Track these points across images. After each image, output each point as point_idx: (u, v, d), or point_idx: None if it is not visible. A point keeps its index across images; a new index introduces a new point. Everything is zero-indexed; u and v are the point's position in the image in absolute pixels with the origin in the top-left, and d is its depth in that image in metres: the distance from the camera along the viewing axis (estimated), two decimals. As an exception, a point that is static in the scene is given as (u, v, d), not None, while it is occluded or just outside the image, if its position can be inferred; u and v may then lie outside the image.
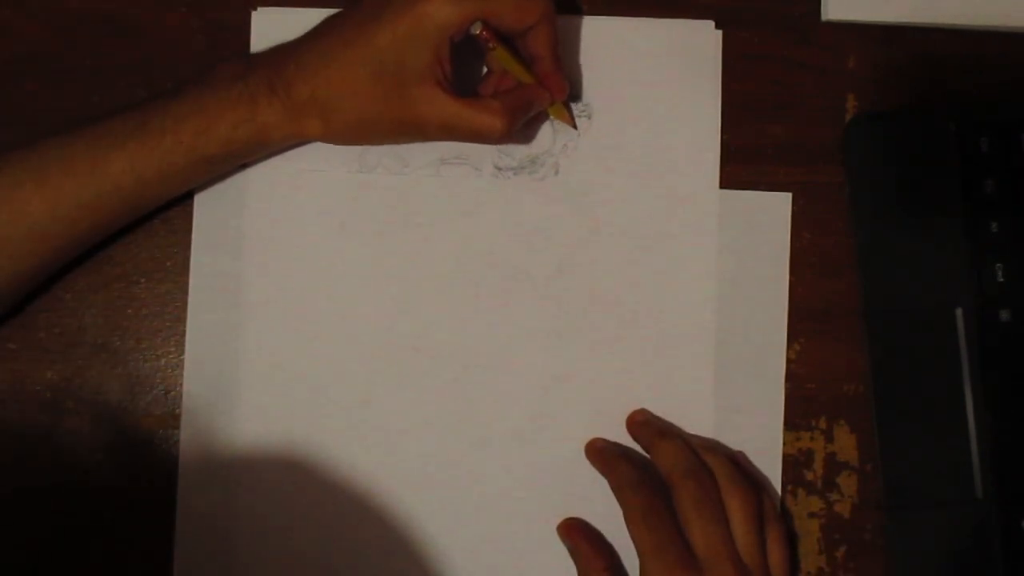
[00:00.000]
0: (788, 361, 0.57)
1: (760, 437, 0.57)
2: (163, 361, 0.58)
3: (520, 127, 0.55)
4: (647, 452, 0.56)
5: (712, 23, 0.58)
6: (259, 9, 0.58)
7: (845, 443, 0.57)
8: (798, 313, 0.58)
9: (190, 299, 0.57)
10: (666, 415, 0.57)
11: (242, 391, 0.57)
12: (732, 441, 0.57)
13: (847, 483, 0.57)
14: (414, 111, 0.52)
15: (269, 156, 0.57)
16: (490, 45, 0.53)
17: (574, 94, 0.58)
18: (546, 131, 0.58)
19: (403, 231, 0.58)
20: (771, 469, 0.57)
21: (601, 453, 0.56)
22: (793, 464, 0.57)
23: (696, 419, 0.57)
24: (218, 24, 0.59)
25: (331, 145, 0.56)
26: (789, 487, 0.57)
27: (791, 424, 0.57)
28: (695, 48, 0.58)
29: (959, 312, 0.56)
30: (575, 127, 0.58)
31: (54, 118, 0.57)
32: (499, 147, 0.58)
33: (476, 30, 0.52)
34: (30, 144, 0.52)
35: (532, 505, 0.57)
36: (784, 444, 0.57)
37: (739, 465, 0.55)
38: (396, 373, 0.57)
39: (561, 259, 0.58)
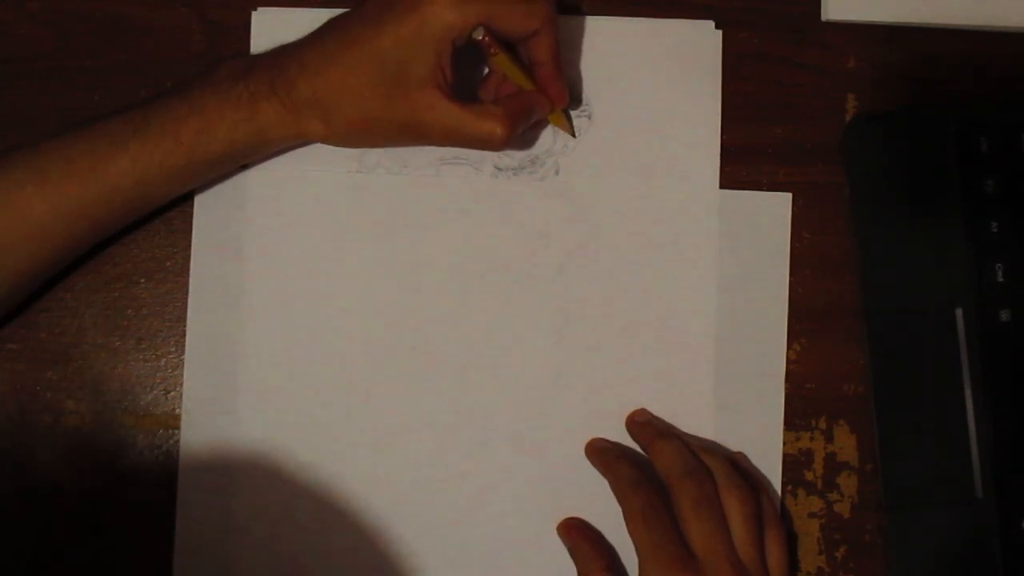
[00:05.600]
0: (788, 361, 0.57)
1: (760, 437, 0.57)
2: (163, 361, 0.58)
3: (520, 133, 0.55)
4: (646, 452, 0.56)
5: (712, 23, 0.58)
6: (259, 9, 0.58)
7: (845, 443, 0.58)
8: (798, 313, 0.58)
9: (190, 299, 0.57)
10: (666, 415, 0.57)
11: (242, 391, 0.57)
12: (732, 441, 0.57)
13: (847, 483, 0.57)
14: (415, 115, 0.52)
15: (270, 157, 0.57)
16: (492, 51, 0.53)
17: (574, 97, 0.58)
18: (547, 131, 0.58)
19: (403, 231, 0.58)
20: (771, 469, 0.57)
21: (601, 453, 0.56)
22: (793, 464, 0.57)
23: (696, 419, 0.57)
24: (218, 24, 0.59)
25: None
26: (789, 487, 0.57)
27: (791, 424, 0.57)
28: (695, 48, 0.58)
29: (959, 312, 0.56)
30: (574, 135, 0.58)
31: (54, 118, 0.58)
32: (499, 147, 0.58)
33: (478, 35, 0.52)
34: (31, 144, 0.52)
35: (532, 505, 0.57)
36: (784, 444, 0.57)
37: (738, 466, 0.55)
38: (396, 373, 0.57)
39: (561, 259, 0.58)
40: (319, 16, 0.54)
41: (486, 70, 0.57)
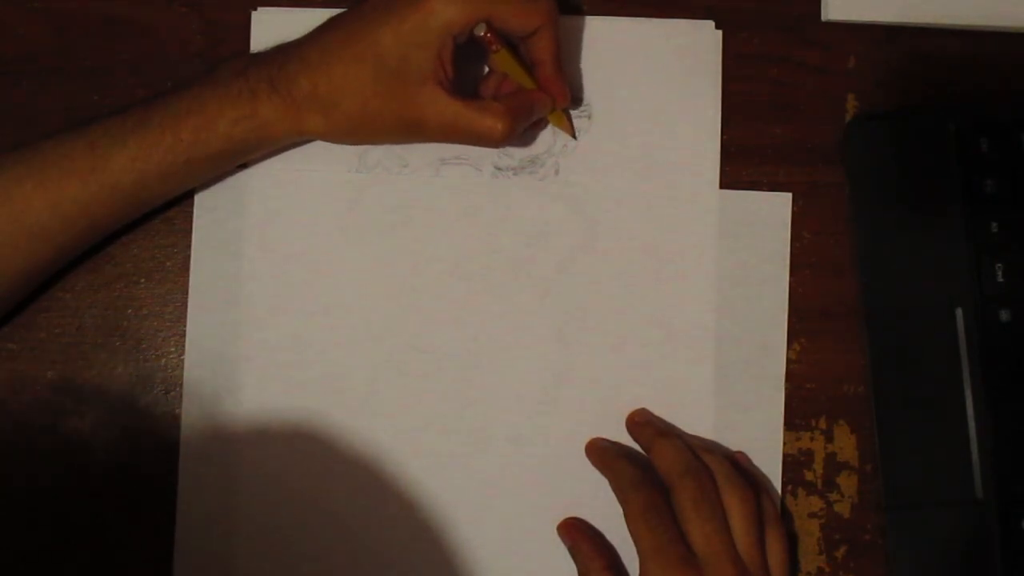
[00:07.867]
0: (788, 361, 0.57)
1: (760, 437, 0.57)
2: (163, 361, 0.58)
3: (520, 131, 0.55)
4: (646, 452, 0.56)
5: (712, 23, 0.58)
6: (259, 9, 0.58)
7: (845, 443, 0.57)
8: (798, 313, 0.58)
9: (190, 299, 0.57)
10: (666, 415, 0.57)
11: (242, 391, 0.57)
12: (732, 441, 0.57)
13: (847, 483, 0.57)
14: (415, 111, 0.52)
15: (269, 155, 0.57)
16: (493, 48, 0.53)
17: (575, 98, 0.58)
18: (546, 131, 0.58)
19: (403, 231, 0.58)
20: (771, 469, 0.57)
21: (601, 453, 0.56)
22: (793, 464, 0.57)
23: (696, 419, 0.57)
24: (218, 24, 0.59)
25: (331, 145, 0.56)
26: (789, 487, 0.57)
27: (791, 424, 0.57)
28: (695, 48, 0.58)
29: (959, 312, 0.56)
30: (574, 136, 0.58)
31: (54, 118, 0.58)
32: (499, 147, 0.58)
33: (480, 31, 0.52)
34: (30, 144, 0.52)
35: (532, 505, 0.57)
36: (784, 444, 0.57)
37: (738, 466, 0.55)
38: (396, 373, 0.57)
39: (561, 259, 0.58)
40: (319, 16, 0.54)
41: (487, 69, 0.57)
